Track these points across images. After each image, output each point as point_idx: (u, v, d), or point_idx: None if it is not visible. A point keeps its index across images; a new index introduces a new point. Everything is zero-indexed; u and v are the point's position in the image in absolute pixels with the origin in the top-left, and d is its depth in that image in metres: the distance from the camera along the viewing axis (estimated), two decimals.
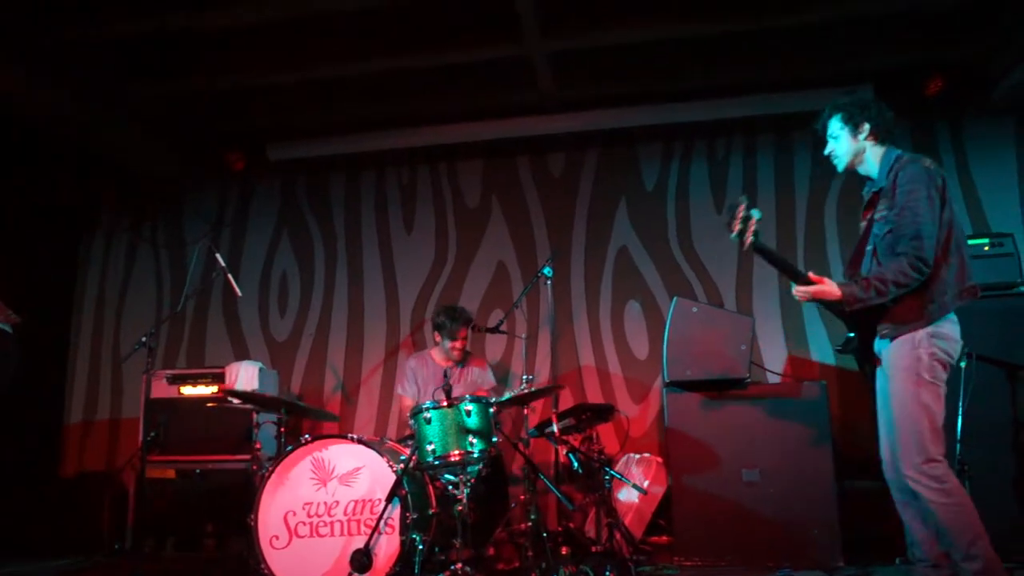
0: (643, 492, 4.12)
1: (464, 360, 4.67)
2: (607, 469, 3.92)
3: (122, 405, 5.88)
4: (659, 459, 4.54)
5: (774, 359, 5.13)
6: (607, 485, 3.92)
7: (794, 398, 4.02)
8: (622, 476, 4.10)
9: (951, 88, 4.97)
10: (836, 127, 2.98)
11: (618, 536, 3.73)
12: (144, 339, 4.29)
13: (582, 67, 5.00)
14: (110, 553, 4.70)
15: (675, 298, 4.28)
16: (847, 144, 2.96)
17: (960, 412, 3.41)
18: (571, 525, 4.04)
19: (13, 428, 5.12)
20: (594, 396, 5.33)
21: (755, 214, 2.88)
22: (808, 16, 4.41)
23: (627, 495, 4.33)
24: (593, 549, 3.76)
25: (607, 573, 3.42)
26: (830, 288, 2.82)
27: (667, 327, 4.19)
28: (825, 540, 3.81)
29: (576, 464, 3.86)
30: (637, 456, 4.57)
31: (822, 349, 5.14)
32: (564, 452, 3.91)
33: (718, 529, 3.94)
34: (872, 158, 2.95)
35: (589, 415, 3.99)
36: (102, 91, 5.07)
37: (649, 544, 4.37)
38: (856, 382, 4.77)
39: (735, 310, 5.12)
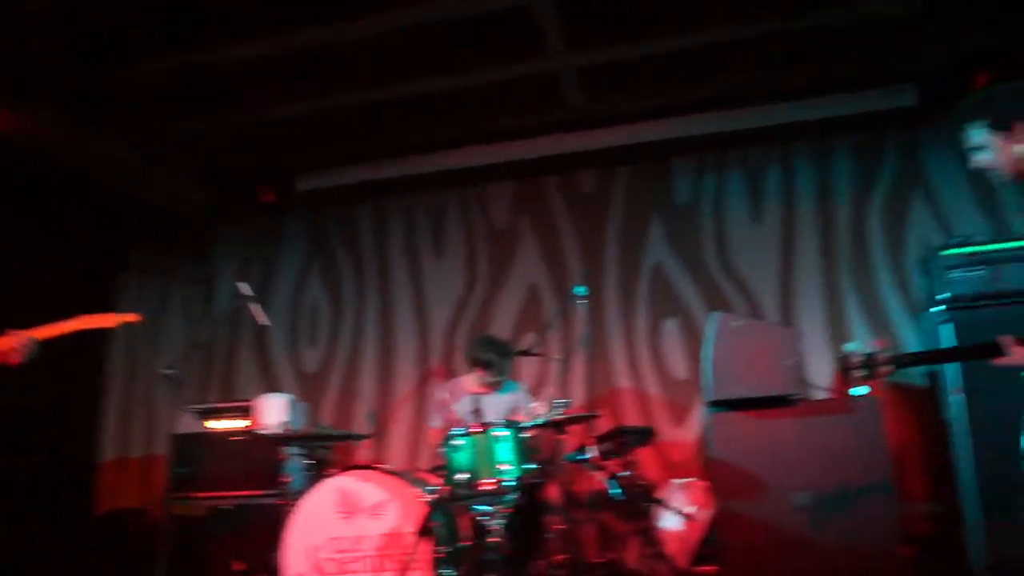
0: (686, 518, 3.91)
1: (499, 387, 4.52)
2: (648, 495, 3.73)
3: (154, 442, 5.84)
4: (704, 483, 4.32)
5: (821, 374, 4.87)
6: (649, 513, 3.73)
7: (845, 415, 3.77)
8: (663, 502, 3.90)
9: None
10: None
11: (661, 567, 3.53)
12: (169, 372, 4.22)
13: (610, 80, 4.87)
14: None
15: (714, 313, 4.09)
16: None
17: None
18: (612, 556, 3.84)
19: (47, 467, 5.11)
20: (632, 419, 5.12)
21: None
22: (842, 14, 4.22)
23: (671, 522, 4.12)
24: None
25: None
26: None
27: (707, 344, 4.00)
28: (884, 566, 3.54)
29: (616, 491, 3.68)
30: (680, 481, 4.36)
31: None
32: (603, 478, 3.73)
33: (768, 556, 3.68)
34: None
35: (629, 439, 3.82)
36: (129, 131, 5.10)
37: (694, 574, 4.14)
38: (910, 396, 4.58)
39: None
